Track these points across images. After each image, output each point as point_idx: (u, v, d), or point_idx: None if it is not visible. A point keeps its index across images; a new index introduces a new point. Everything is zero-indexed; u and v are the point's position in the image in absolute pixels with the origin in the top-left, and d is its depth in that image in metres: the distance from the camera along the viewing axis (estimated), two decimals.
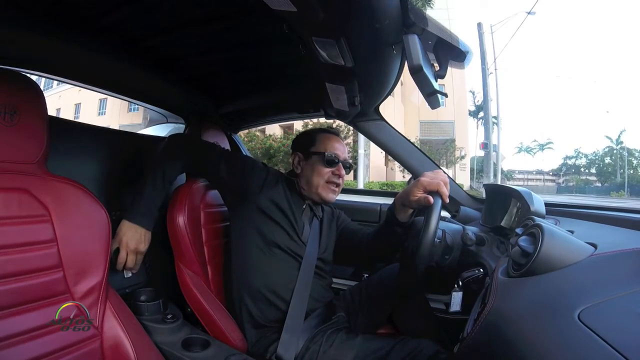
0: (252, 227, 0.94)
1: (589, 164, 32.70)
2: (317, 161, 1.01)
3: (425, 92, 0.79)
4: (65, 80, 1.10)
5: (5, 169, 0.62)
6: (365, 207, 1.41)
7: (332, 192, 1.01)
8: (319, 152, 1.01)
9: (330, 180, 1.00)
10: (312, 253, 0.98)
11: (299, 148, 1.06)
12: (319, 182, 1.00)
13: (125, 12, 0.83)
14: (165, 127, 1.60)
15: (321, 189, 1.00)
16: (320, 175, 1.00)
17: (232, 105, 1.43)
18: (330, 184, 1.01)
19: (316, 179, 1.00)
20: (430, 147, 14.45)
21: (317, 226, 1.04)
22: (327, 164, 1.00)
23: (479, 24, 10.33)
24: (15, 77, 0.64)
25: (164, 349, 0.77)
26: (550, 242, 0.51)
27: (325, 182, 1.00)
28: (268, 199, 0.95)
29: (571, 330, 0.39)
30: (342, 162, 1.02)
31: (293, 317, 0.86)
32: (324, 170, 1.00)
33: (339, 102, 1.01)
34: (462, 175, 16.51)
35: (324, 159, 1.00)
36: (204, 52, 1.05)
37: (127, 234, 0.84)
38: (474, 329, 0.55)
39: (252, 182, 0.96)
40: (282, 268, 0.93)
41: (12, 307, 0.58)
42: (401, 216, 0.94)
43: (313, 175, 1.00)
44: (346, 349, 0.82)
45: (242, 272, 0.94)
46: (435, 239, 0.77)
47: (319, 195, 1.00)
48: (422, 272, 0.78)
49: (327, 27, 0.61)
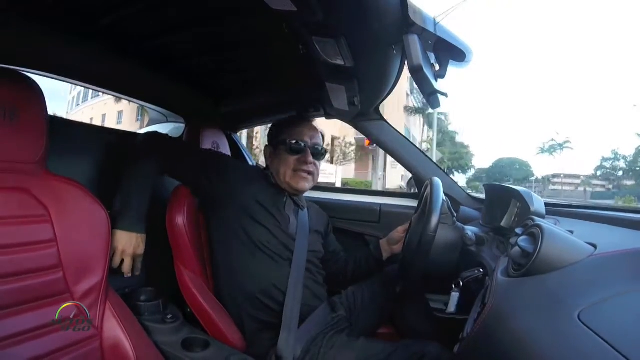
0: (237, 229, 0.92)
1: (631, 164, 30.36)
2: (282, 149, 0.99)
3: (425, 92, 0.79)
4: (65, 80, 1.10)
5: (5, 169, 0.62)
6: (366, 207, 1.41)
7: (303, 179, 0.98)
8: (284, 140, 0.99)
9: (298, 168, 0.97)
10: (302, 246, 0.96)
11: (269, 140, 1.04)
12: (286, 172, 0.97)
13: (125, 12, 0.83)
14: (165, 127, 1.59)
15: (290, 179, 0.97)
16: (286, 164, 0.97)
17: (232, 105, 1.43)
18: (299, 172, 0.97)
19: (283, 169, 0.97)
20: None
21: (305, 218, 1.02)
22: (291, 152, 0.97)
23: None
24: (15, 77, 0.64)
25: (164, 349, 0.76)
26: (550, 242, 0.51)
27: (292, 170, 0.97)
28: (249, 197, 0.93)
29: (571, 330, 0.39)
30: (309, 147, 0.99)
31: (289, 314, 0.85)
32: (289, 158, 0.97)
33: (339, 101, 1.01)
34: (394, 172, 16.88)
35: (288, 147, 0.97)
36: (204, 51, 1.05)
37: (122, 241, 0.83)
38: (474, 329, 0.55)
39: (232, 182, 0.93)
40: (272, 268, 0.91)
41: (12, 307, 0.58)
42: (384, 255, 1.08)
43: (280, 165, 0.98)
44: (347, 351, 0.82)
45: (232, 276, 0.92)
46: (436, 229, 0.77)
47: (289, 185, 0.98)
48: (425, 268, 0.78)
49: (327, 27, 0.61)
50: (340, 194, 1.55)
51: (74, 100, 20.71)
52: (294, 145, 0.97)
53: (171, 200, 0.95)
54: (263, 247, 0.91)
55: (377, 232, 1.36)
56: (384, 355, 0.81)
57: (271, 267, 0.91)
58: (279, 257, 0.92)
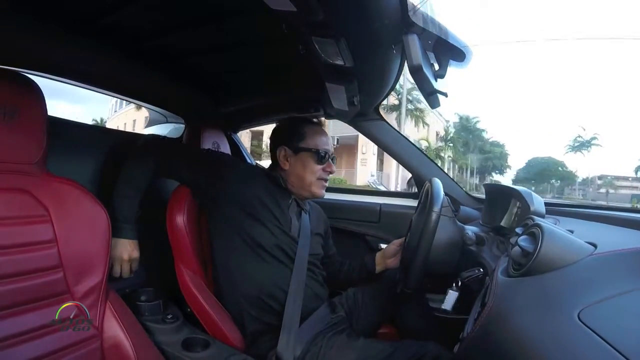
0: (238, 229, 0.91)
1: None
2: (307, 157, 0.98)
3: (425, 91, 0.80)
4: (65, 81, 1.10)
5: (5, 169, 0.62)
6: (366, 207, 1.41)
7: (322, 187, 1.01)
8: (310, 149, 0.98)
9: (322, 177, 1.00)
10: (304, 249, 0.96)
11: (284, 142, 1.00)
12: (312, 180, 0.98)
13: (125, 12, 0.83)
14: (165, 127, 1.60)
15: (313, 186, 0.99)
16: (312, 172, 0.98)
17: (232, 105, 1.43)
18: (321, 180, 1.00)
19: (309, 176, 0.98)
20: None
21: (307, 220, 1.02)
22: (319, 161, 0.98)
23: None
24: (15, 77, 0.64)
25: (164, 349, 0.77)
26: (550, 242, 0.51)
27: (317, 178, 0.99)
28: (250, 196, 0.92)
29: (571, 330, 0.39)
30: (330, 157, 1.01)
31: (289, 315, 0.85)
32: (315, 167, 0.98)
33: (338, 101, 1.01)
34: (363, 169, 17.38)
35: (316, 156, 0.98)
36: (203, 51, 1.05)
37: (116, 248, 0.84)
38: (474, 328, 0.55)
39: (230, 181, 0.92)
40: (274, 269, 0.91)
41: (13, 307, 0.58)
42: (377, 268, 1.11)
43: (305, 172, 0.98)
44: (347, 351, 0.82)
45: (233, 277, 0.91)
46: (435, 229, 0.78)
47: (310, 191, 0.99)
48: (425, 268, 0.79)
49: (327, 27, 0.61)
50: (340, 194, 1.55)
51: (112, 107, 23.37)
52: (322, 155, 0.98)
53: (171, 200, 0.95)
54: (264, 249, 0.90)
55: (377, 232, 1.36)
56: (384, 355, 0.81)
57: (273, 268, 0.91)
58: (280, 259, 0.92)
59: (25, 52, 0.87)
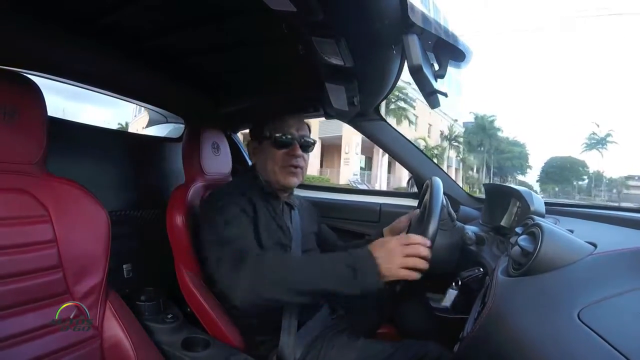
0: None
1: None
2: (268, 145, 0.91)
3: (425, 92, 0.80)
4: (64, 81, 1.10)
5: (4, 170, 0.62)
6: (365, 207, 1.41)
7: (292, 175, 0.90)
8: (269, 136, 0.90)
9: (287, 164, 0.90)
10: (297, 245, 0.92)
11: (252, 135, 0.96)
12: (274, 168, 0.90)
13: (125, 12, 0.83)
14: (165, 127, 1.60)
15: (279, 175, 0.90)
16: (273, 160, 0.90)
17: (232, 105, 1.43)
18: (287, 167, 0.90)
19: (270, 165, 0.90)
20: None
21: (297, 220, 0.98)
22: (278, 146, 0.89)
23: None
24: (15, 77, 0.64)
25: (164, 349, 0.77)
26: (550, 242, 0.52)
27: (280, 166, 0.90)
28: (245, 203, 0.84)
29: (571, 329, 0.39)
30: (297, 140, 0.90)
31: (289, 315, 0.84)
32: (276, 153, 0.89)
33: (338, 101, 1.01)
34: (346, 169, 17.57)
35: (274, 141, 0.89)
36: (203, 51, 1.05)
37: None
38: (474, 328, 0.55)
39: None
40: None
41: (13, 308, 0.58)
42: None
43: (267, 161, 0.91)
44: (348, 351, 0.81)
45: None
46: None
47: (278, 182, 0.91)
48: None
49: (326, 27, 0.61)
50: (341, 194, 1.55)
51: (133, 112, 23.93)
52: (280, 139, 0.89)
53: (171, 200, 0.95)
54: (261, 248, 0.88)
55: None
56: (384, 355, 0.81)
57: None
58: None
59: (25, 52, 0.87)
